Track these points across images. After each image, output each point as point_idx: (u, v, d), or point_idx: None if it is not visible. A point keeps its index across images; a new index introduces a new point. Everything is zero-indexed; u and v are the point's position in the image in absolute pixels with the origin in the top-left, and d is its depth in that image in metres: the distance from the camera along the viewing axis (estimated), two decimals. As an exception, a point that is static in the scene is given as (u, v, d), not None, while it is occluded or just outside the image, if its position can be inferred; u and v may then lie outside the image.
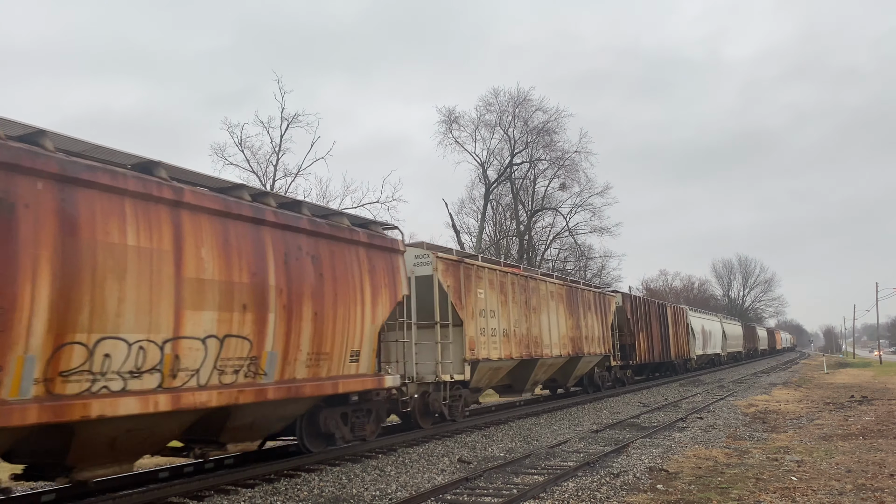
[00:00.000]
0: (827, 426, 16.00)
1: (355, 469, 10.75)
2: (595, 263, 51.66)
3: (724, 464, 11.09)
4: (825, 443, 13.37)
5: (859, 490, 9.00)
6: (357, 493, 9.15)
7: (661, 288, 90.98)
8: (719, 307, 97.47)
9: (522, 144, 46.33)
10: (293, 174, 35.31)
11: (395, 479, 9.98)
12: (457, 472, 10.56)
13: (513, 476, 10.17)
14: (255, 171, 34.96)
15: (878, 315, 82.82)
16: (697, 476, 10.04)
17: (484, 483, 9.72)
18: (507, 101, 45.83)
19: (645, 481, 9.68)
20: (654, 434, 14.43)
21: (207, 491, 9.22)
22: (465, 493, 9.13)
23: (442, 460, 11.61)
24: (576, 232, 49.23)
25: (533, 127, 45.98)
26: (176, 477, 10.22)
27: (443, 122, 46.11)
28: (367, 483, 9.76)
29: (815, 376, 39.84)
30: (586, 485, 9.41)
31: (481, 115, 46.12)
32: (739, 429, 15.58)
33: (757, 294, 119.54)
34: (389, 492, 9.20)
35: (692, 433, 14.68)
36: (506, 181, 47.42)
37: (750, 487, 9.23)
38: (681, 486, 9.34)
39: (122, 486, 9.64)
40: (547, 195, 48.97)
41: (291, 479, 10.00)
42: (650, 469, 10.51)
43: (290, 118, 34.71)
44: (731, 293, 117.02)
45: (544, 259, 48.71)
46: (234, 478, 9.84)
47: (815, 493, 8.82)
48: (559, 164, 47.11)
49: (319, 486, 9.61)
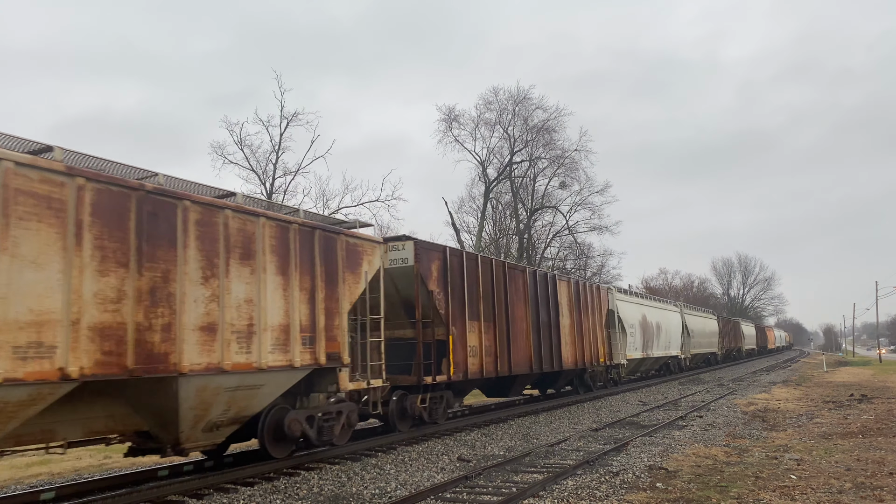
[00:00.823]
0: (826, 425, 15.99)
1: (355, 467, 10.75)
2: (595, 262, 51.71)
3: (723, 462, 11.09)
4: (825, 441, 13.37)
5: (859, 488, 9.00)
6: (357, 491, 9.15)
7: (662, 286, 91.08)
8: (719, 306, 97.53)
9: (522, 143, 46.33)
10: (293, 172, 35.34)
11: (394, 478, 9.98)
12: (456, 470, 10.56)
13: (512, 474, 10.17)
14: (254, 170, 34.98)
15: (877, 313, 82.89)
16: (697, 474, 10.04)
17: (483, 481, 9.72)
18: (506, 100, 45.85)
19: (644, 480, 9.68)
20: (654, 432, 14.43)
21: (207, 489, 9.22)
22: (465, 491, 9.13)
23: (441, 458, 11.61)
24: (575, 230, 49.24)
25: (533, 125, 45.99)
26: (175, 475, 10.22)
27: (443, 120, 46.08)
28: (366, 481, 9.75)
29: (815, 375, 39.84)
30: (586, 483, 9.40)
31: (481, 114, 46.12)
32: (739, 427, 15.58)
33: (757, 292, 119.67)
34: (389, 490, 9.20)
35: (692, 431, 14.68)
36: (506, 180, 47.40)
37: (749, 486, 9.23)
38: (680, 485, 9.34)
39: (122, 484, 9.65)
40: (547, 193, 48.99)
41: (291, 478, 10.00)
42: (650, 467, 10.50)
43: (289, 116, 34.74)
44: (730, 291, 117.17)
45: (544, 257, 48.71)
46: (233, 476, 9.84)
47: (815, 492, 8.82)
48: (559, 162, 47.12)
49: (319, 484, 9.61)
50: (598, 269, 51.39)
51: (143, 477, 10.02)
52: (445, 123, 45.64)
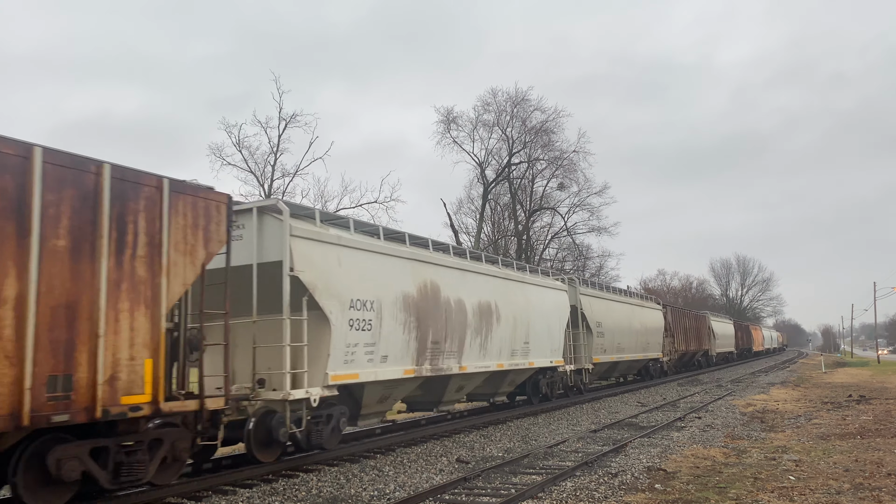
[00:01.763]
0: (825, 425, 16.01)
1: (353, 469, 10.74)
2: (593, 263, 51.77)
3: (722, 463, 11.10)
4: (823, 442, 13.38)
5: (857, 489, 9.01)
6: (355, 493, 9.14)
7: (660, 287, 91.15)
8: (718, 307, 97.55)
9: (521, 144, 46.38)
10: (291, 174, 35.35)
11: (393, 479, 9.98)
12: (455, 472, 10.56)
13: (511, 476, 10.17)
14: (252, 171, 35.02)
15: (875, 314, 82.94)
16: (695, 475, 10.05)
17: (482, 483, 9.72)
18: (505, 101, 45.89)
19: (643, 481, 9.68)
20: (653, 434, 14.44)
21: (205, 491, 9.20)
22: (464, 493, 9.13)
23: (440, 460, 11.61)
24: (574, 232, 49.34)
25: (531, 127, 46.03)
26: (174, 477, 10.19)
27: (441, 121, 46.11)
28: (365, 483, 9.75)
29: (814, 375, 39.87)
30: (584, 484, 9.41)
31: (479, 115, 46.15)
32: (737, 428, 15.59)
33: (755, 293, 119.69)
34: (388, 492, 9.20)
35: (690, 433, 14.68)
36: (504, 181, 47.45)
37: (748, 487, 9.23)
38: (679, 486, 9.35)
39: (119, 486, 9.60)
40: (545, 195, 49.10)
41: (290, 480, 9.99)
42: (648, 469, 10.51)
43: (287, 118, 34.76)
44: (729, 293, 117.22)
45: (542, 258, 48.75)
46: (231, 478, 9.83)
47: (813, 493, 8.83)
48: (557, 163, 47.20)
49: (318, 486, 9.60)
50: (596, 270, 51.48)
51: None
52: (444, 125, 45.74)
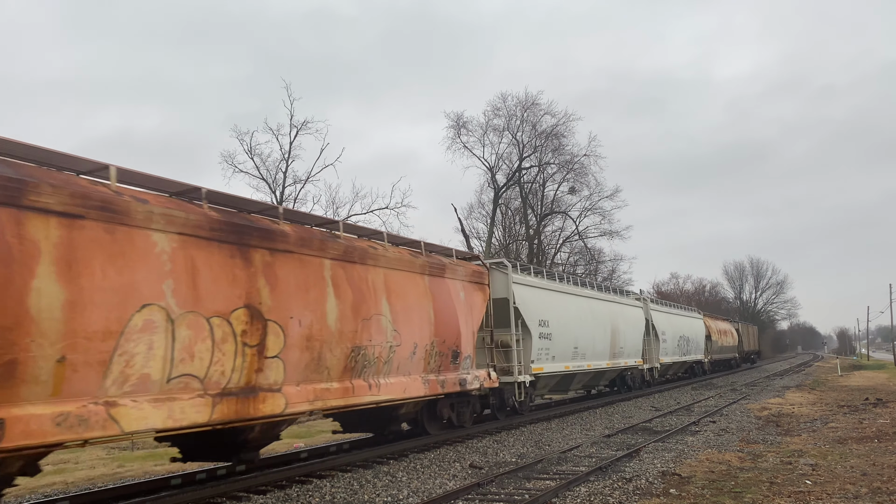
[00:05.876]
0: (841, 429, 15.85)
1: (367, 475, 10.75)
2: (606, 267, 51.57)
3: (737, 468, 11.02)
4: (840, 446, 13.25)
5: (875, 493, 8.91)
6: (369, 498, 9.15)
7: (673, 291, 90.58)
8: (731, 310, 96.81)
9: (531, 148, 46.31)
10: (303, 181, 35.49)
11: (406, 485, 9.97)
12: (468, 477, 10.54)
13: (525, 481, 10.14)
14: (264, 179, 35.18)
15: (892, 316, 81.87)
16: (710, 480, 9.98)
17: (496, 488, 9.69)
18: (515, 106, 45.82)
19: (657, 486, 9.63)
20: (667, 438, 14.35)
21: (219, 498, 9.24)
22: (477, 498, 9.10)
23: (453, 466, 11.59)
24: (586, 236, 49.16)
25: (541, 131, 45.96)
26: (188, 484, 10.26)
27: (451, 127, 46.15)
28: (378, 489, 9.75)
29: (829, 379, 39.50)
30: (598, 489, 9.36)
31: (489, 120, 46.11)
32: (752, 432, 15.47)
33: (769, 296, 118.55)
34: (401, 497, 9.20)
35: (705, 437, 14.59)
36: (515, 185, 47.40)
37: (764, 491, 9.16)
38: (694, 491, 9.29)
39: (135, 493, 9.69)
40: (556, 199, 48.91)
41: (303, 486, 10.02)
42: (663, 473, 10.45)
43: (298, 125, 34.91)
44: (742, 296, 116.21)
45: (554, 263, 48.63)
46: (245, 484, 9.86)
47: (830, 497, 8.74)
48: (568, 167, 47.05)
49: (331, 492, 9.61)
50: (608, 274, 51.30)
51: (156, 486, 10.06)
52: (454, 130, 45.75)
